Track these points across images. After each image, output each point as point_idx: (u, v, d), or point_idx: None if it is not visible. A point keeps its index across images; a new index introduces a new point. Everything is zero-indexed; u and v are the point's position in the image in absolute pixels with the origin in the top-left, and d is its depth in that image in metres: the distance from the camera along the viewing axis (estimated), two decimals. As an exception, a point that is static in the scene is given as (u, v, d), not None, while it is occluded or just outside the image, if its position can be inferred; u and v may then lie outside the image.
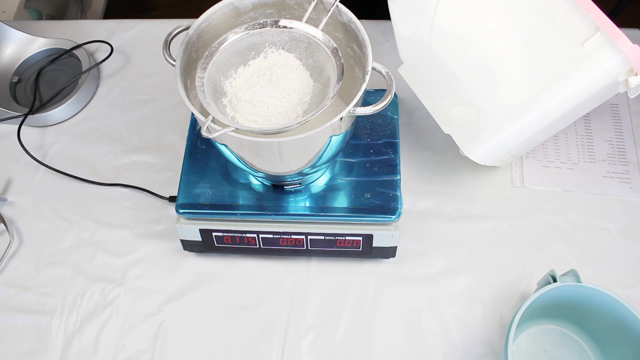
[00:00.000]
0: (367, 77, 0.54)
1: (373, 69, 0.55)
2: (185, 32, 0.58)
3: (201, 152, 0.70)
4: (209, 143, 0.69)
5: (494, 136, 0.64)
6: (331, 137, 0.55)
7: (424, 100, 0.73)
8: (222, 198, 0.67)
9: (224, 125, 0.51)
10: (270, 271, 0.73)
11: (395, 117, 0.72)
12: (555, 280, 0.60)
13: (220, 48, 0.58)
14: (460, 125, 0.68)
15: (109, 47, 0.90)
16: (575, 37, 0.58)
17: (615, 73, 0.57)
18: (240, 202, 0.66)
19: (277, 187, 0.68)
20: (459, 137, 0.68)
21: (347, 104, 0.52)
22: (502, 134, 0.64)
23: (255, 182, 0.68)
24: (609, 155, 0.79)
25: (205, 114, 0.53)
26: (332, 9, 0.58)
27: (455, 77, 0.66)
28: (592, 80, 0.58)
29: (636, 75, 0.56)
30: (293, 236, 0.67)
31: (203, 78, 0.56)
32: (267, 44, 0.59)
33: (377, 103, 0.53)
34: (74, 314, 0.70)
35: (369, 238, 0.67)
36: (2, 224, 0.76)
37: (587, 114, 0.76)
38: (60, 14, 1.52)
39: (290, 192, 0.67)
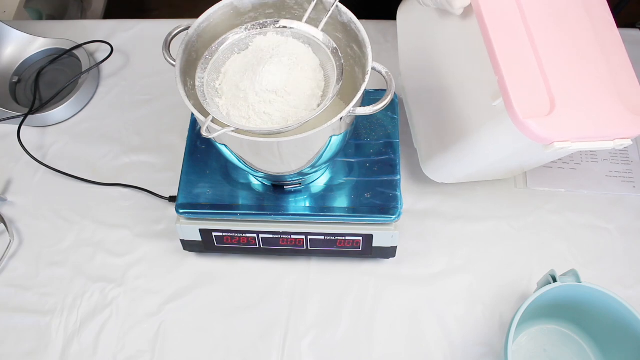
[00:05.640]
0: (367, 77, 0.54)
1: (373, 69, 0.54)
2: (185, 32, 0.58)
3: (201, 152, 0.70)
4: (209, 143, 0.68)
5: (440, 163, 0.68)
6: (331, 137, 0.55)
7: (408, 114, 0.75)
8: (222, 198, 0.66)
9: (224, 125, 0.51)
10: (270, 271, 0.73)
11: (395, 117, 0.72)
12: (555, 280, 0.60)
13: (221, 48, 0.57)
14: (422, 143, 0.73)
15: (109, 47, 0.90)
16: (490, 93, 0.53)
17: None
18: (240, 202, 0.66)
19: (277, 187, 0.68)
20: (420, 154, 0.74)
21: (347, 104, 0.52)
22: (444, 164, 0.68)
23: (255, 182, 0.68)
24: (611, 155, 0.79)
25: (205, 114, 0.53)
26: (332, 9, 0.58)
27: (424, 101, 0.70)
28: (509, 139, 0.54)
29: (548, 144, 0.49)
30: (293, 236, 0.67)
31: (203, 78, 0.56)
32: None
33: (377, 103, 0.53)
34: (74, 314, 0.70)
35: (369, 238, 0.67)
36: (2, 224, 0.76)
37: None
38: (60, 14, 1.52)
39: (290, 192, 0.67)
